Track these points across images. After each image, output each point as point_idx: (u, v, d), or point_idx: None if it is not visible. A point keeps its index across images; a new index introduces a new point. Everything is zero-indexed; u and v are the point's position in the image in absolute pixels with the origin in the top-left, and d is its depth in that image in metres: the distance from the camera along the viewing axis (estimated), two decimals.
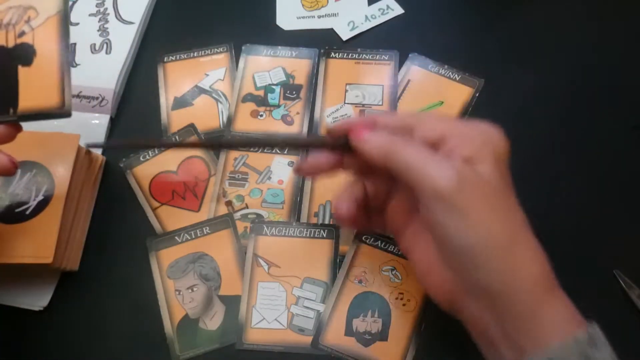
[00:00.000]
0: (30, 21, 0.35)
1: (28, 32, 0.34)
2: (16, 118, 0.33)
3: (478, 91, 0.49)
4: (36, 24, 0.35)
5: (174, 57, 0.52)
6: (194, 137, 0.47)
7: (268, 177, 0.45)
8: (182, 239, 0.43)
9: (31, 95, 0.34)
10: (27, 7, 0.35)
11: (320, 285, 0.41)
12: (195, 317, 0.40)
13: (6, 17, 0.35)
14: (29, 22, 0.34)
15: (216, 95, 0.50)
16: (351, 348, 0.38)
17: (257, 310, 0.40)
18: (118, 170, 0.46)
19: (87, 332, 0.40)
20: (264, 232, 0.43)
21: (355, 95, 0.49)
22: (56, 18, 0.35)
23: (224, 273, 0.41)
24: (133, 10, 0.54)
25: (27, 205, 0.39)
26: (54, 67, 0.34)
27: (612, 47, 0.50)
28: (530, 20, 0.53)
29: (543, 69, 0.50)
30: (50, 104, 0.33)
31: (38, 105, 0.33)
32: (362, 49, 0.51)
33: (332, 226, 0.43)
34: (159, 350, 0.39)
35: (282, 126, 0.48)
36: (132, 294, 0.41)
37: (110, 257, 0.43)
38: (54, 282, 0.41)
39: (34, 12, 0.35)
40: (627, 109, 0.47)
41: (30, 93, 0.34)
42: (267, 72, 0.51)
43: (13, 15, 0.35)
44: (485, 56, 0.51)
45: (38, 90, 0.34)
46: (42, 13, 0.35)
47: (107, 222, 0.44)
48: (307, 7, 0.55)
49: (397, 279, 0.41)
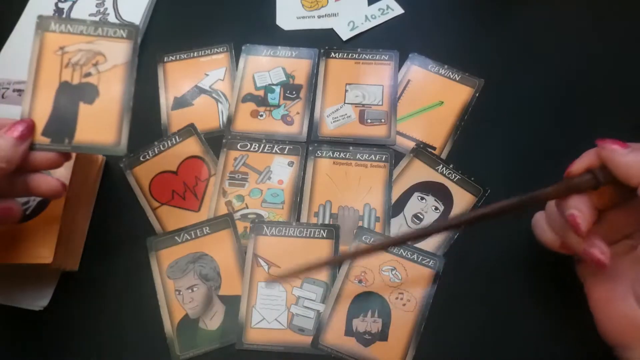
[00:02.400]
0: (98, 65, 0.37)
1: (94, 74, 0.37)
2: (70, 148, 0.36)
3: (478, 91, 0.49)
4: (103, 69, 0.37)
5: (174, 57, 0.52)
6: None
7: (268, 177, 0.45)
8: (182, 239, 0.43)
9: (89, 130, 0.36)
10: (97, 53, 0.38)
11: (320, 285, 0.41)
12: (195, 317, 0.40)
13: (75, 57, 0.37)
14: (96, 66, 0.37)
15: (216, 95, 0.50)
16: (351, 348, 0.38)
17: (257, 310, 0.40)
18: (118, 170, 0.46)
19: (87, 332, 0.40)
20: (264, 232, 0.43)
21: (355, 95, 0.49)
22: (123, 67, 0.38)
23: (224, 273, 0.41)
24: (133, 10, 0.54)
25: (27, 205, 0.39)
26: (114, 110, 0.37)
27: (612, 47, 0.50)
28: (530, 20, 0.53)
29: (543, 69, 0.50)
30: (106, 140, 0.36)
31: (94, 140, 0.36)
32: (362, 49, 0.51)
33: (332, 226, 0.43)
34: (159, 350, 0.39)
35: (282, 126, 0.48)
36: (132, 294, 0.41)
37: (110, 257, 0.43)
38: (54, 282, 0.41)
39: (102, 58, 0.37)
40: (627, 108, 0.47)
41: (89, 128, 0.36)
42: (267, 72, 0.51)
43: (82, 57, 0.37)
44: (485, 56, 0.51)
45: (96, 127, 0.36)
46: (110, 60, 0.38)
47: (107, 222, 0.44)
48: (307, 7, 0.55)
49: (397, 279, 0.41)
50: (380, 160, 0.45)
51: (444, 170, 0.45)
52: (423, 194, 0.44)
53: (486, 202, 0.43)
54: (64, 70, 0.37)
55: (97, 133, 0.36)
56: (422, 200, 0.44)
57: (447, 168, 0.45)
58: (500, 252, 0.42)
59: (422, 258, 0.41)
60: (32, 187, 0.34)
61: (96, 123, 0.36)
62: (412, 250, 0.41)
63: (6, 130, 0.33)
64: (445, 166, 0.45)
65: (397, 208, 0.44)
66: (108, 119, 0.36)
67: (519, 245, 0.41)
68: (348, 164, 0.46)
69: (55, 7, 0.55)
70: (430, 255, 0.41)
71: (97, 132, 0.36)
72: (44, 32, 0.38)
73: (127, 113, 0.37)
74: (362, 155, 0.46)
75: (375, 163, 0.45)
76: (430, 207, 0.44)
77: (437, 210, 0.43)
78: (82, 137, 0.36)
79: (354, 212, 0.44)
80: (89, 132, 0.36)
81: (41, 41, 0.38)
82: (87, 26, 0.38)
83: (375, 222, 0.43)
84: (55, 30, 0.38)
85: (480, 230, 0.42)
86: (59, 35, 0.38)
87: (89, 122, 0.36)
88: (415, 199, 0.44)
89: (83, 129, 0.36)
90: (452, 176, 0.45)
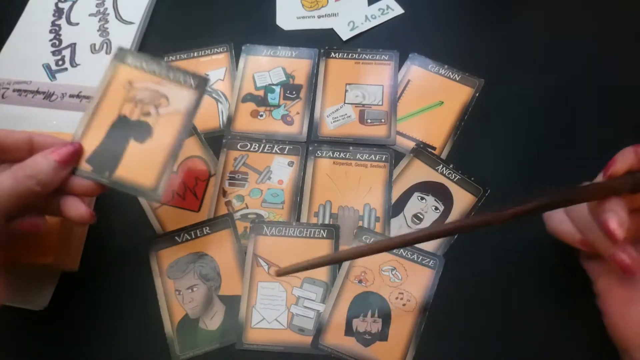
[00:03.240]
0: (159, 108, 0.38)
1: (153, 114, 0.37)
2: (108, 181, 0.36)
3: (478, 91, 0.49)
4: (163, 112, 0.38)
5: (174, 57, 0.52)
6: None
7: (268, 177, 0.45)
8: (182, 239, 0.43)
9: (131, 169, 0.36)
10: (161, 95, 0.38)
11: (320, 285, 0.41)
12: (195, 317, 0.40)
13: (139, 94, 0.38)
14: (157, 108, 0.37)
15: (216, 95, 0.50)
16: (351, 348, 0.38)
17: (257, 310, 0.40)
18: None
19: (87, 332, 0.40)
20: (264, 232, 0.43)
21: (355, 95, 0.49)
22: (182, 115, 0.38)
23: (224, 273, 0.41)
24: (133, 10, 0.54)
25: None
26: (162, 155, 0.37)
27: (612, 46, 0.50)
28: (530, 20, 0.53)
29: (543, 69, 0.50)
30: (144, 183, 0.36)
31: (133, 179, 0.36)
32: (362, 49, 0.51)
33: (332, 226, 0.43)
34: (159, 350, 0.39)
35: (282, 126, 0.48)
36: (132, 294, 0.41)
37: (110, 257, 0.43)
38: (54, 282, 0.41)
39: (165, 101, 0.38)
40: (627, 108, 0.47)
41: (131, 167, 0.36)
42: (267, 72, 0.51)
43: (147, 96, 0.38)
44: (485, 56, 0.51)
45: (139, 167, 0.36)
46: (172, 105, 0.38)
47: (107, 223, 0.44)
48: (307, 7, 0.55)
49: (397, 279, 0.41)
50: (380, 160, 0.45)
51: (444, 170, 0.45)
52: (423, 194, 0.44)
53: (486, 202, 0.43)
54: (125, 105, 0.37)
55: (138, 174, 0.36)
56: (422, 200, 0.44)
57: (447, 168, 0.45)
58: (501, 252, 0.42)
59: (422, 258, 0.41)
60: (62, 210, 0.34)
61: (140, 164, 0.36)
62: (412, 250, 0.41)
63: (52, 152, 0.33)
64: (445, 166, 0.45)
65: (397, 208, 0.44)
66: (153, 163, 0.36)
67: (519, 245, 0.41)
68: (348, 164, 0.46)
69: (55, 7, 0.55)
70: (430, 255, 0.41)
71: (138, 173, 0.36)
72: (119, 63, 0.38)
73: (172, 161, 0.37)
74: (362, 155, 0.46)
75: (375, 163, 0.45)
76: (430, 207, 0.44)
77: (437, 210, 0.43)
78: (123, 174, 0.36)
79: (354, 212, 0.44)
80: (130, 170, 0.36)
81: (114, 70, 0.38)
82: (160, 67, 0.38)
83: (375, 222, 0.43)
84: (130, 64, 0.38)
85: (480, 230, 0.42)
86: (132, 70, 0.38)
87: (134, 161, 0.36)
88: (415, 199, 0.44)
89: (126, 166, 0.36)
90: (452, 176, 0.45)
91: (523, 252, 0.41)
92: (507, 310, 0.40)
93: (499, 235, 0.42)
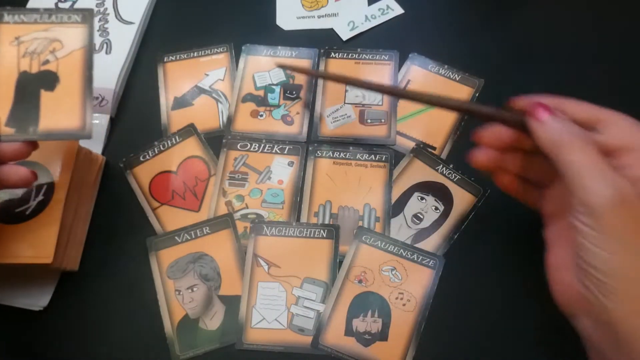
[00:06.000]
0: (55, 52, 0.38)
1: (52, 61, 0.37)
2: (36, 136, 0.36)
3: (478, 91, 0.49)
4: (61, 55, 0.38)
5: (174, 57, 0.52)
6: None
7: (268, 177, 0.45)
8: (182, 239, 0.43)
9: (53, 117, 0.36)
10: (53, 40, 0.38)
11: (320, 285, 0.41)
12: (195, 317, 0.40)
13: (31, 46, 0.37)
14: (53, 53, 0.37)
15: (216, 95, 0.50)
16: (351, 348, 0.38)
17: (257, 310, 0.40)
18: (118, 170, 0.46)
19: (87, 332, 0.40)
20: (264, 232, 0.43)
21: (355, 95, 0.49)
22: (81, 52, 0.38)
23: (224, 273, 0.41)
24: (133, 10, 0.54)
25: (27, 205, 0.39)
26: (76, 94, 0.37)
27: (612, 46, 0.50)
28: (530, 20, 0.53)
29: (543, 69, 0.50)
30: (71, 125, 0.36)
31: (59, 126, 0.36)
32: (362, 49, 0.51)
33: (332, 226, 0.43)
34: (159, 350, 0.39)
35: (282, 126, 0.48)
36: (132, 294, 0.41)
37: (110, 257, 0.43)
38: (54, 282, 0.41)
39: (59, 45, 0.38)
40: (627, 108, 0.47)
41: (52, 115, 0.36)
42: (267, 72, 0.51)
43: (38, 45, 0.37)
44: (485, 56, 0.51)
45: (60, 113, 0.36)
46: (67, 46, 0.38)
47: (107, 223, 0.44)
48: (307, 7, 0.55)
49: (397, 279, 0.41)
50: (380, 160, 0.45)
51: (444, 170, 0.45)
52: (423, 194, 0.44)
53: (486, 203, 0.43)
54: (21, 60, 0.37)
55: (61, 119, 0.36)
56: (422, 200, 0.44)
57: (447, 168, 0.45)
58: (501, 252, 0.42)
59: (422, 258, 0.41)
60: (3, 180, 0.34)
61: (59, 109, 0.36)
62: (412, 250, 0.41)
63: None
64: (445, 166, 0.45)
65: (397, 208, 0.44)
66: (71, 104, 0.36)
67: (519, 245, 0.41)
68: (348, 164, 0.46)
69: (55, 7, 0.55)
70: (430, 255, 0.41)
71: (62, 118, 0.36)
72: None
73: (89, 97, 0.37)
74: (362, 155, 0.46)
75: (375, 163, 0.45)
76: (430, 207, 0.44)
77: (437, 210, 0.43)
78: (47, 125, 0.36)
79: (354, 212, 0.44)
80: (53, 119, 0.36)
81: None
82: (40, 14, 0.38)
83: (375, 222, 0.43)
84: (9, 21, 0.38)
85: (480, 230, 0.42)
86: (14, 26, 0.38)
87: (52, 109, 0.36)
88: (415, 199, 0.44)
89: (47, 117, 0.36)
90: (452, 176, 0.45)
91: (523, 252, 0.41)
92: (507, 310, 0.40)
93: (499, 235, 0.42)
